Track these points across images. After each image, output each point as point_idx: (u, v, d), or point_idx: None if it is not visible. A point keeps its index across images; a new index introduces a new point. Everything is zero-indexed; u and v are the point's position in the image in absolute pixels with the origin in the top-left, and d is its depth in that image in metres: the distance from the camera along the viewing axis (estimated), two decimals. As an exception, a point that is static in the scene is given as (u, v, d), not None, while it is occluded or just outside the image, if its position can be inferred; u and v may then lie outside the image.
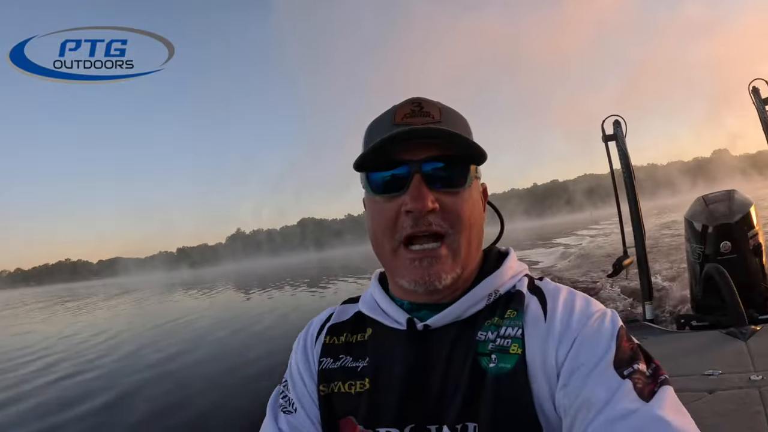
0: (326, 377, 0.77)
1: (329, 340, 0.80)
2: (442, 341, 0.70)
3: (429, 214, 0.66)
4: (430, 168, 0.67)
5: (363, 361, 0.75)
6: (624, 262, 4.26)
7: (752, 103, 4.50)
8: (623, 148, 4.53)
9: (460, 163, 0.69)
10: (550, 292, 0.71)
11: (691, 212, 4.35)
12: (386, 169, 0.69)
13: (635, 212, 4.37)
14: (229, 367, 7.59)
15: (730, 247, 3.87)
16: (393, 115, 0.70)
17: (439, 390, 0.68)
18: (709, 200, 4.32)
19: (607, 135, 4.69)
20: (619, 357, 0.61)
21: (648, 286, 4.12)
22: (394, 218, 0.68)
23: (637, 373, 0.59)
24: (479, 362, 0.67)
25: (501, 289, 0.72)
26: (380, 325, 0.76)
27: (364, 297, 0.82)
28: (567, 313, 0.67)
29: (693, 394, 2.33)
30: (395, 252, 0.70)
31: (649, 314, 4.02)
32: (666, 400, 0.56)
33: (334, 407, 0.75)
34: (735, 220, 3.96)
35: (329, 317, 0.84)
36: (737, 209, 4.05)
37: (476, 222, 0.72)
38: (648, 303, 4.05)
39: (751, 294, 3.72)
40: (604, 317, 0.66)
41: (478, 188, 0.75)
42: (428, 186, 0.67)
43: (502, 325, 0.69)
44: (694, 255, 4.11)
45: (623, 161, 4.52)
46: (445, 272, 0.68)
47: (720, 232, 3.95)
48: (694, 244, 4.14)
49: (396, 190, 0.68)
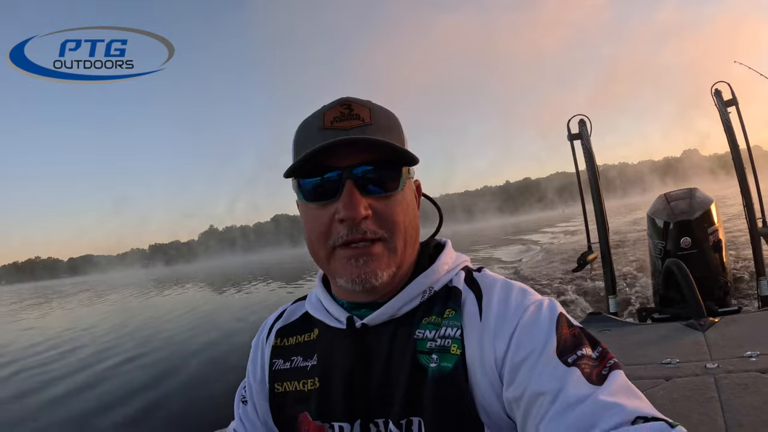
0: (279, 377, 0.79)
1: (279, 342, 0.82)
2: (380, 339, 0.71)
3: (363, 221, 0.65)
4: (361, 173, 0.66)
5: (312, 360, 0.77)
6: (588, 257, 4.30)
7: (714, 105, 4.62)
8: (588, 147, 4.58)
9: (391, 167, 0.68)
10: (486, 287, 0.71)
11: (653, 209, 4.42)
12: (317, 176, 0.67)
13: (599, 209, 4.43)
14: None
15: (690, 242, 3.95)
16: (321, 119, 0.67)
17: (382, 386, 0.69)
18: (670, 198, 4.40)
19: (572, 134, 4.75)
20: (561, 345, 0.60)
21: (611, 280, 4.15)
22: (327, 225, 0.67)
23: (582, 358, 0.58)
24: (419, 360, 0.67)
25: (436, 286, 0.72)
26: (324, 325, 0.77)
27: (310, 297, 0.83)
28: (502, 308, 0.67)
29: (650, 381, 2.33)
30: (332, 254, 0.69)
31: (613, 307, 4.05)
32: (617, 384, 0.55)
33: (290, 404, 0.77)
34: (695, 216, 4.04)
35: (279, 316, 0.86)
36: (698, 206, 4.14)
37: (411, 223, 0.71)
38: (612, 297, 4.09)
39: (711, 287, 3.79)
40: (541, 307, 0.66)
41: (412, 188, 0.74)
42: (361, 192, 0.65)
43: (441, 325, 0.69)
44: (656, 250, 4.17)
45: (588, 160, 4.58)
46: (380, 269, 0.67)
47: (680, 229, 4.02)
48: (655, 239, 4.20)
49: (328, 198, 0.67)
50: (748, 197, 4.14)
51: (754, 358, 2.40)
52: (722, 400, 2.03)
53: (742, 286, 5.50)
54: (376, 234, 0.66)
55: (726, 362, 2.41)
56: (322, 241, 0.68)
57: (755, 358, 2.39)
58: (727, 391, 2.10)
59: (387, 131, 0.68)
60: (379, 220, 0.66)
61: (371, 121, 0.67)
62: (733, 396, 2.04)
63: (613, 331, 3.29)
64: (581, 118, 4.75)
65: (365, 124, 0.66)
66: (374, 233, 0.66)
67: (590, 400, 0.53)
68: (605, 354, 0.60)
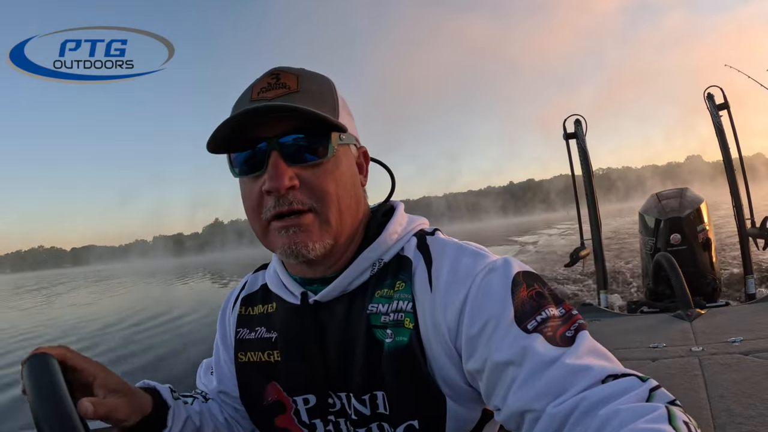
0: (243, 346, 0.79)
1: (244, 311, 0.82)
2: (334, 315, 0.70)
3: (289, 192, 0.63)
4: (286, 142, 0.64)
5: (274, 332, 0.77)
6: (581, 253, 4.36)
7: (707, 109, 4.71)
8: (583, 146, 4.65)
9: (319, 134, 0.65)
10: (436, 253, 0.69)
11: (644, 207, 4.49)
12: (245, 149, 0.66)
13: (593, 207, 4.49)
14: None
15: (680, 239, 4.02)
16: (251, 91, 0.66)
17: (340, 361, 0.69)
18: (662, 196, 4.48)
19: (568, 133, 4.81)
20: (519, 311, 0.58)
21: (603, 275, 4.22)
22: (258, 198, 0.66)
23: (546, 321, 0.57)
24: (374, 334, 0.67)
25: (386, 257, 0.71)
26: (281, 299, 0.76)
27: (268, 271, 0.82)
28: (451, 275, 0.65)
29: (636, 362, 2.38)
30: (267, 228, 0.67)
31: (604, 302, 4.12)
32: (584, 345, 0.54)
33: (254, 373, 0.77)
34: (685, 214, 4.11)
35: (243, 287, 0.86)
36: (688, 205, 4.22)
37: (346, 190, 0.68)
38: (603, 291, 4.16)
39: (700, 283, 3.86)
40: (494, 270, 0.63)
41: (349, 155, 0.71)
42: (287, 162, 0.63)
43: (393, 298, 0.68)
44: (647, 247, 4.24)
45: (583, 159, 4.65)
46: (312, 241, 0.65)
47: (671, 225, 4.09)
48: (646, 236, 4.28)
49: (256, 170, 0.65)
50: (738, 199, 4.23)
51: (737, 342, 2.45)
52: (706, 377, 2.08)
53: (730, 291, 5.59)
54: (304, 204, 0.64)
55: (710, 346, 2.46)
56: (256, 214, 0.67)
57: (738, 343, 2.44)
58: (710, 369, 2.15)
59: (317, 97, 0.65)
60: (308, 189, 0.64)
61: (297, 88, 0.65)
62: (716, 373, 2.09)
63: (602, 320, 3.34)
64: (577, 117, 4.81)
65: (290, 92, 0.64)
66: (302, 203, 0.64)
67: (558, 364, 0.52)
68: (570, 313, 0.59)
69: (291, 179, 0.63)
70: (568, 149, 4.85)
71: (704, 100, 4.71)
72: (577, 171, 4.72)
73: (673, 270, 3.34)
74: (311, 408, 0.72)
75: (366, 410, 0.68)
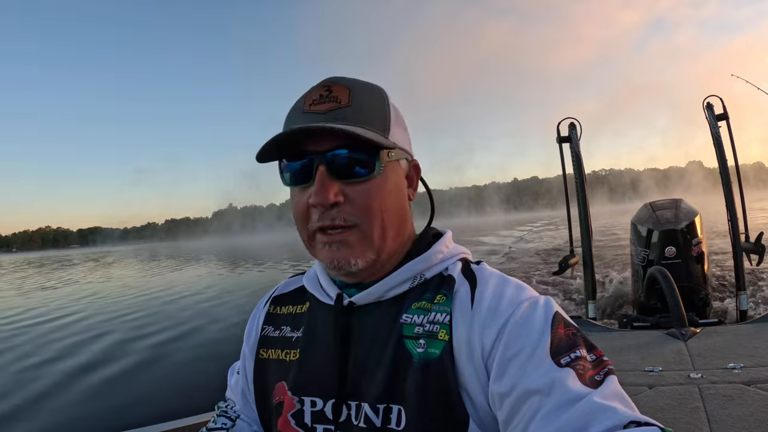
0: (265, 343, 0.80)
1: (273, 310, 0.83)
2: (366, 319, 0.70)
3: (333, 208, 0.64)
4: (333, 157, 0.65)
5: (299, 331, 0.77)
6: (570, 261, 4.21)
7: (705, 118, 4.60)
8: (577, 151, 4.51)
9: (367, 151, 0.65)
10: (482, 278, 0.69)
11: (637, 217, 4.37)
12: (295, 160, 0.67)
13: (584, 213, 4.34)
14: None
15: (675, 252, 3.90)
16: (303, 102, 0.68)
17: (361, 367, 0.68)
18: (656, 206, 4.36)
19: (561, 137, 4.66)
20: (555, 345, 0.58)
21: (592, 285, 4.08)
22: (305, 209, 0.67)
23: (577, 360, 0.56)
24: (405, 345, 0.66)
25: (428, 273, 0.71)
26: (316, 299, 0.77)
27: (309, 272, 0.83)
28: (495, 299, 0.65)
29: (634, 388, 2.25)
30: (313, 238, 0.69)
31: (592, 313, 3.97)
32: (611, 389, 0.53)
33: (269, 371, 0.78)
34: (681, 227, 4.00)
35: (278, 288, 0.88)
36: (684, 217, 4.10)
37: (391, 207, 0.68)
38: (591, 302, 4.01)
39: (692, 298, 3.76)
40: (536, 304, 0.63)
41: (398, 170, 0.71)
42: (334, 177, 0.65)
43: (431, 310, 0.67)
44: (638, 257, 4.12)
45: (576, 163, 4.51)
46: (354, 257, 0.66)
47: (666, 238, 3.98)
48: (638, 247, 4.15)
49: (304, 181, 0.67)
50: (733, 212, 4.11)
51: (737, 370, 2.33)
52: (708, 410, 1.95)
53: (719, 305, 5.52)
54: (348, 221, 0.65)
55: (709, 373, 2.35)
56: (303, 224, 0.68)
57: (739, 371, 2.32)
58: (712, 401, 2.02)
59: (368, 113, 0.66)
60: (353, 206, 0.65)
61: (349, 103, 0.66)
62: (718, 407, 1.97)
63: (593, 335, 3.20)
64: (572, 121, 4.66)
65: (341, 106, 0.65)
66: (345, 219, 0.65)
67: (584, 401, 0.51)
68: (601, 359, 0.58)
69: (336, 195, 0.64)
70: (561, 153, 4.71)
71: (703, 109, 4.60)
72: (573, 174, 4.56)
73: (669, 286, 3.23)
74: (317, 411, 0.70)
75: (377, 421, 0.65)
